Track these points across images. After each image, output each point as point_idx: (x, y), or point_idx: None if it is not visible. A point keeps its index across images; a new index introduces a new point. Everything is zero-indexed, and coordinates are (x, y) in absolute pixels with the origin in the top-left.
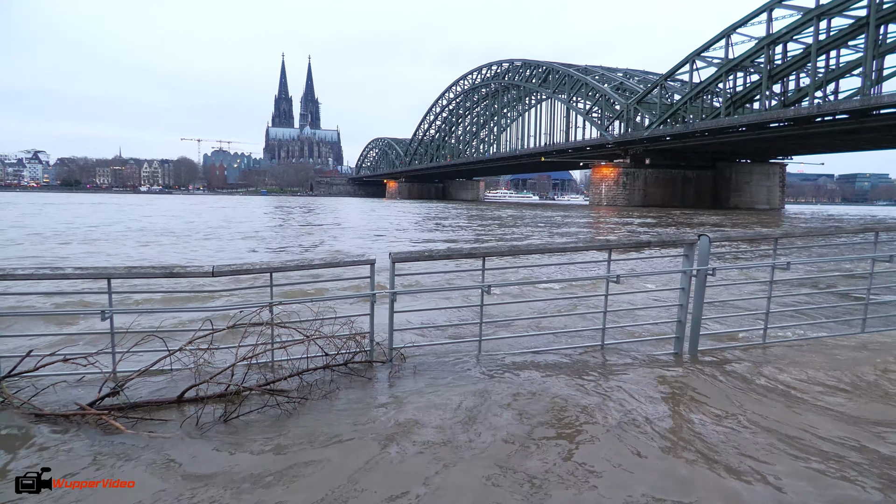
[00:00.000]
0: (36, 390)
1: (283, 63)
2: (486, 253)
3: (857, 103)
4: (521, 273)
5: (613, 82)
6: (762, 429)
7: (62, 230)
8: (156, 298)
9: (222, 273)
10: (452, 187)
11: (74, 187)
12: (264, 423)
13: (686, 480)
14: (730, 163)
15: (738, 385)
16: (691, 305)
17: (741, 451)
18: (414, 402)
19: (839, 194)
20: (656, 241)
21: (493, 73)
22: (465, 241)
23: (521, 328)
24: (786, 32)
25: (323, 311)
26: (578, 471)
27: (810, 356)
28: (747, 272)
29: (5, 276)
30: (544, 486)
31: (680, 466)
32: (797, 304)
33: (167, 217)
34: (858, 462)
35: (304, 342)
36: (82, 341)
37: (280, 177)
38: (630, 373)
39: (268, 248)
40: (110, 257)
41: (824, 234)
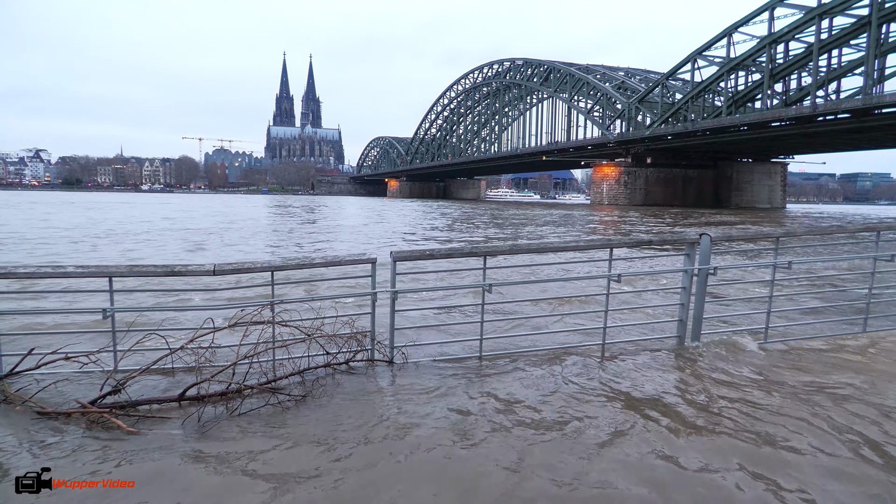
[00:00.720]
0: (37, 388)
1: (284, 62)
2: (487, 252)
3: (858, 102)
4: (523, 272)
5: (615, 81)
6: (762, 427)
7: (120, 229)
8: (157, 297)
9: (223, 271)
10: (454, 186)
11: (76, 186)
12: (266, 422)
13: (689, 479)
14: (731, 162)
15: (740, 384)
16: (692, 304)
17: (742, 451)
18: (415, 403)
19: (841, 193)
20: (657, 240)
21: (494, 71)
22: (482, 242)
23: (522, 327)
24: (787, 31)
25: (324, 309)
26: (585, 469)
27: (812, 355)
28: (748, 271)
29: (7, 275)
30: (557, 486)
31: (683, 463)
32: (799, 303)
33: (195, 215)
34: (859, 464)
35: (305, 341)
36: (84, 340)
37: (281, 175)
38: (631, 372)
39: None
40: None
41: (825, 234)
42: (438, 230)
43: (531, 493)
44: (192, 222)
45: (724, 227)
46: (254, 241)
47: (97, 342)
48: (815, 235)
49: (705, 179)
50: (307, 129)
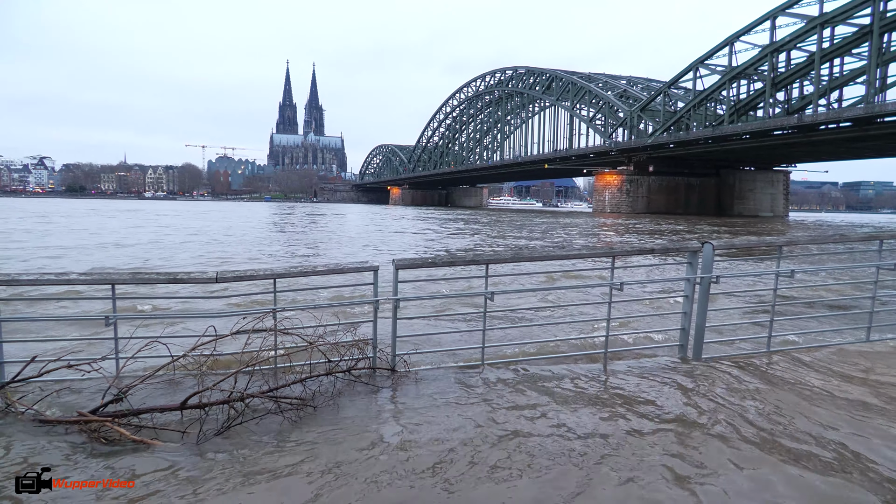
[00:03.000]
0: (40, 396)
1: (287, 70)
2: (489, 260)
3: (860, 111)
4: (524, 280)
5: (617, 90)
6: (767, 436)
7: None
8: (160, 304)
9: (226, 279)
10: (456, 194)
11: (79, 193)
12: (267, 431)
13: (693, 493)
14: (733, 170)
15: (743, 393)
16: (695, 313)
17: (748, 463)
18: (417, 412)
19: (843, 202)
20: (660, 248)
21: (496, 80)
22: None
23: (525, 335)
24: (790, 40)
25: (326, 317)
26: (590, 483)
27: (815, 364)
28: (751, 280)
29: (10, 282)
30: (563, 499)
31: (686, 476)
32: (802, 311)
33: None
34: (862, 469)
35: (307, 349)
36: (86, 347)
37: (284, 183)
38: (634, 381)
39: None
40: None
41: (828, 242)
42: (436, 241)
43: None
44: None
45: (728, 237)
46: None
47: (100, 349)
48: (817, 244)
49: (707, 188)
50: (310, 137)
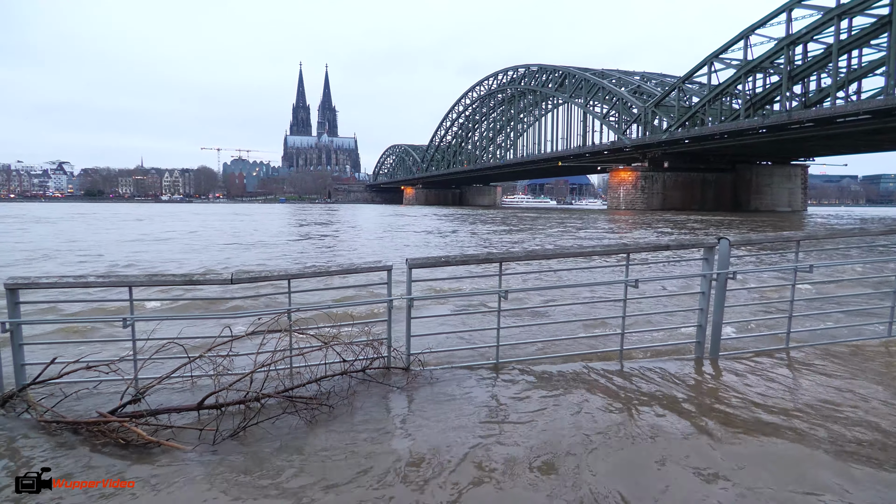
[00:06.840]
0: (60, 398)
1: (300, 72)
2: (502, 258)
3: (880, 103)
4: (538, 277)
5: (630, 86)
6: (794, 434)
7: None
8: (176, 305)
9: (241, 280)
10: (469, 193)
11: (97, 197)
12: (282, 430)
13: (710, 492)
14: (750, 165)
15: (761, 390)
16: (712, 309)
17: (769, 456)
18: (432, 412)
19: (863, 196)
20: (675, 244)
21: (509, 78)
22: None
23: (539, 333)
24: (806, 32)
25: (340, 317)
26: (605, 486)
27: (834, 360)
28: (769, 275)
29: (30, 285)
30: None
31: (707, 473)
32: (821, 306)
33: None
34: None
35: (321, 348)
36: (105, 349)
37: (298, 184)
38: (651, 379)
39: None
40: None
41: (848, 236)
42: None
43: (548, 500)
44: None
45: (745, 232)
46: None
47: (118, 351)
48: (836, 238)
49: (724, 183)
50: (323, 138)
